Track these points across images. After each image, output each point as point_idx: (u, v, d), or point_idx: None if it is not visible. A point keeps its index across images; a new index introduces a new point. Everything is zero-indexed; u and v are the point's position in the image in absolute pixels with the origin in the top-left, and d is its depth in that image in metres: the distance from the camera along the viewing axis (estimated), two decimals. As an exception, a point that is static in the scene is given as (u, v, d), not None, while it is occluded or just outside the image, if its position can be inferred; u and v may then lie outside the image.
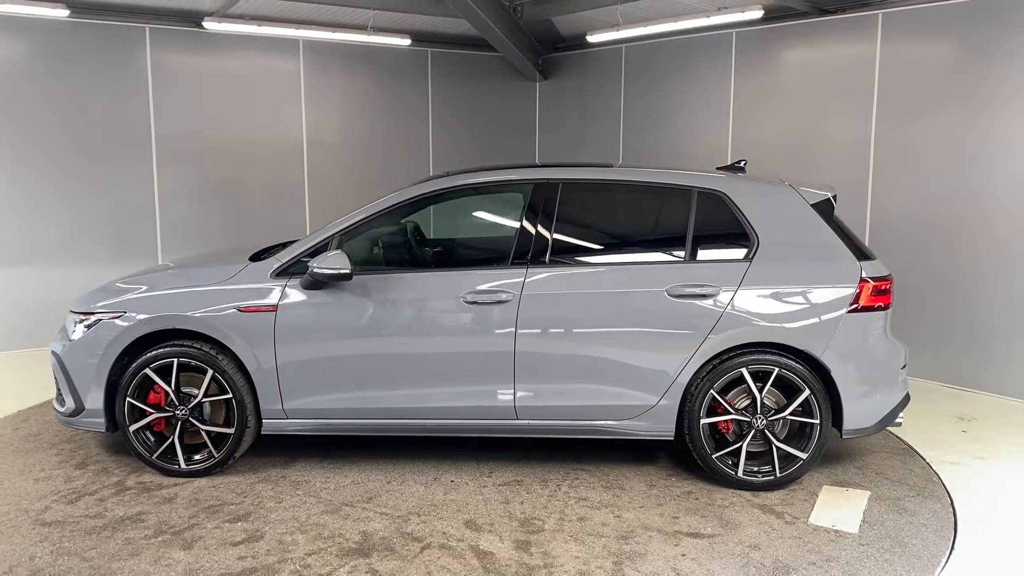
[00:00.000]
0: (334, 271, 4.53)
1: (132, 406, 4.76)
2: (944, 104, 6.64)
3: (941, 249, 6.70)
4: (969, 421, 5.88)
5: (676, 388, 4.60)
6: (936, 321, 6.72)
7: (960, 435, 5.60)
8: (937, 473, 4.93)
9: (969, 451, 5.30)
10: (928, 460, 5.13)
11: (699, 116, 8.56)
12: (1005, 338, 6.38)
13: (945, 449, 5.33)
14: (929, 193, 6.77)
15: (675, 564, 3.80)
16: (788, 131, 7.74)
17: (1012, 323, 6.34)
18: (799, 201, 4.75)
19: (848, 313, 4.54)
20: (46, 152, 7.83)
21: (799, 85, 7.66)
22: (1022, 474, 4.93)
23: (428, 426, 4.77)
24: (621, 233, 5.08)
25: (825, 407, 4.55)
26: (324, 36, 8.72)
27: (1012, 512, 4.41)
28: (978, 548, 4.01)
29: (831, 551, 3.94)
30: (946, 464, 5.08)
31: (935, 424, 5.80)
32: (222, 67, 8.62)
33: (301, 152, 9.09)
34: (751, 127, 8.06)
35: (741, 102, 8.13)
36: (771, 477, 4.61)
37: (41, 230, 7.87)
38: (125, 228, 8.26)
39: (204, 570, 3.74)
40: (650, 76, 9.06)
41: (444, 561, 3.82)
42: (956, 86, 6.56)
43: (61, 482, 4.75)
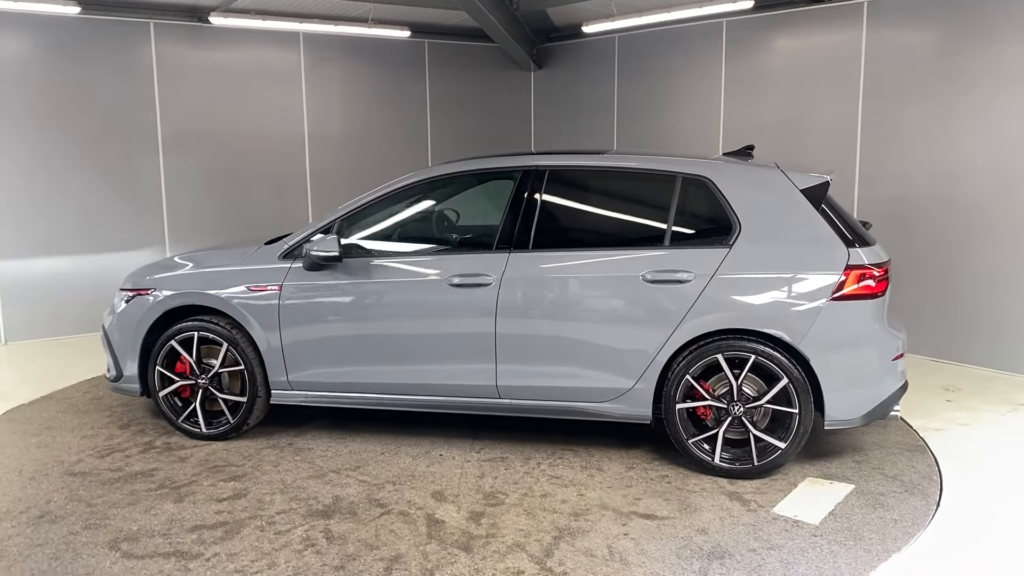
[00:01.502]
0: (326, 253, 4.86)
1: (161, 374, 5.27)
2: (927, 89, 6.91)
3: (925, 228, 7.02)
4: (953, 391, 6.20)
5: (652, 372, 4.63)
6: (922, 298, 7.01)
7: (945, 404, 5.91)
8: (937, 463, 4.72)
9: (953, 419, 5.60)
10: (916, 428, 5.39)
11: (691, 103, 8.81)
12: (986, 313, 6.73)
13: (931, 418, 5.60)
14: (913, 174, 7.06)
15: (612, 543, 3.88)
16: (778, 117, 7.99)
17: (993, 298, 6.68)
18: (787, 186, 4.65)
19: (830, 301, 4.42)
20: (55, 145, 8.07)
21: (788, 72, 7.92)
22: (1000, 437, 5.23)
23: (417, 402, 5.02)
24: (604, 218, 5.13)
25: (805, 397, 4.46)
26: (324, 29, 8.90)
27: (995, 481, 4.21)
28: (950, 535, 3.86)
29: (778, 540, 3.89)
30: (931, 431, 5.34)
31: (922, 395, 6.02)
32: (225, 60, 8.85)
33: (303, 142, 9.36)
34: (741, 113, 8.31)
35: (732, 89, 8.39)
36: (748, 465, 4.57)
37: (51, 222, 8.12)
38: (133, 218, 8.52)
39: (182, 520, 4.15)
40: (643, 65, 9.29)
41: (395, 526, 4.06)
42: (938, 72, 6.83)
43: (102, 439, 5.33)
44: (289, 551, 3.82)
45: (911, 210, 7.07)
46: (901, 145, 7.11)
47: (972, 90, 6.63)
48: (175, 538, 3.96)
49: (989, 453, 5.02)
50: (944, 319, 6.96)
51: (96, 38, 8.17)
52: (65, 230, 8.22)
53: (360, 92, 9.75)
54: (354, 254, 5.07)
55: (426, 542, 3.90)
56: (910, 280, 6.95)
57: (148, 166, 8.56)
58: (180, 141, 8.68)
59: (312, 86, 9.36)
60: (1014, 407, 5.88)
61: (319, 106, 9.44)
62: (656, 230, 4.76)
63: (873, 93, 7.24)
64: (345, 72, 9.60)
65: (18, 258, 8.08)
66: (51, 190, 8.12)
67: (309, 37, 9.25)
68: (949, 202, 6.85)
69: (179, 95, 8.62)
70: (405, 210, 5.22)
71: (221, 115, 8.88)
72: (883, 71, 7.16)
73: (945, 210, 6.88)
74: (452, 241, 5.35)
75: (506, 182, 5.04)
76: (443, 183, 5.21)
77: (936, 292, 6.99)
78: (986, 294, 6.70)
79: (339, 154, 9.60)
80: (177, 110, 8.63)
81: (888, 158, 7.20)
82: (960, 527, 4.05)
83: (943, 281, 6.95)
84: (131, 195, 8.50)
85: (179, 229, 8.74)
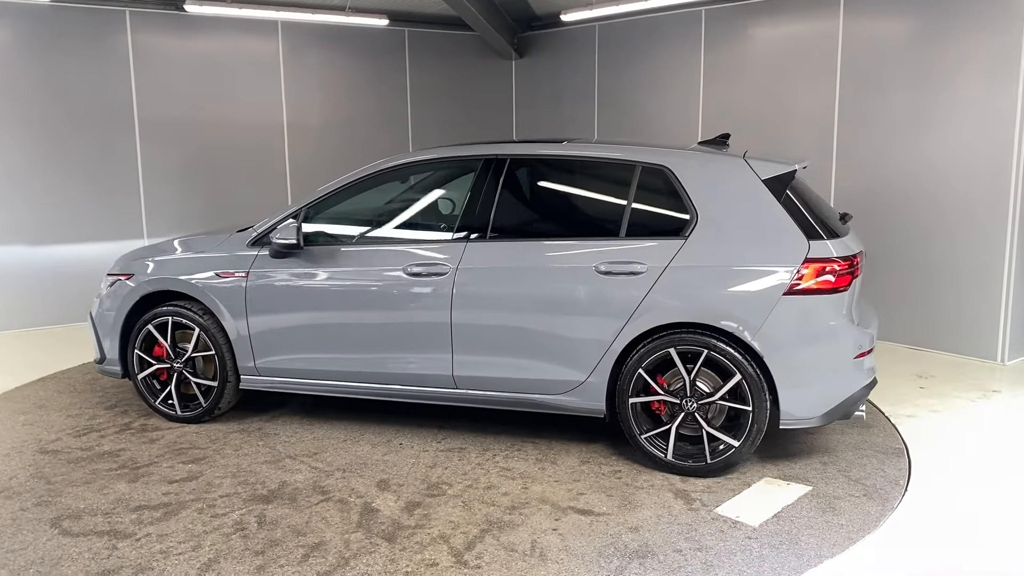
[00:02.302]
0: (284, 241, 4.91)
1: (140, 357, 5.41)
2: (902, 79, 6.94)
3: (900, 217, 7.04)
4: (927, 378, 6.26)
5: (605, 365, 4.54)
6: (896, 286, 7.02)
7: (918, 391, 5.96)
8: (910, 466, 4.51)
9: (925, 405, 5.66)
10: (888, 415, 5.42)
11: (671, 91, 8.83)
12: (958, 301, 6.79)
13: (904, 404, 5.63)
14: (889, 162, 7.08)
15: (538, 538, 3.82)
16: (756, 105, 8.01)
17: (965, 287, 6.73)
18: (749, 176, 4.48)
19: (786, 295, 4.25)
20: (31, 134, 7.95)
21: (766, 60, 7.94)
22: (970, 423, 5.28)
23: (377, 391, 5.03)
24: (562, 208, 5.04)
25: (759, 394, 4.30)
26: (302, 17, 8.85)
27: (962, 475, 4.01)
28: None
29: (709, 541, 3.78)
30: (903, 417, 5.37)
31: (895, 382, 6.08)
32: (202, 49, 8.74)
33: (282, 131, 9.27)
34: (721, 101, 8.34)
35: (711, 78, 8.42)
36: (702, 463, 4.44)
37: (26, 211, 7.99)
38: (110, 208, 8.40)
39: (129, 500, 4.26)
40: (623, 53, 9.26)
41: (329, 514, 4.09)
42: (913, 60, 6.85)
43: (84, 420, 5.51)
44: (218, 534, 3.88)
45: (886, 199, 7.09)
46: (877, 135, 7.13)
47: (945, 81, 6.67)
48: (115, 517, 4.06)
49: (958, 441, 5.02)
50: (918, 307, 7.00)
51: (71, 26, 8.04)
52: (40, 219, 8.09)
53: (340, 81, 9.65)
54: (320, 242, 5.11)
55: (353, 530, 3.91)
56: (885, 268, 6.93)
57: (125, 155, 8.45)
58: (157, 130, 8.58)
59: (291, 74, 9.29)
60: (985, 393, 5.91)
61: (298, 95, 9.35)
62: (613, 220, 4.65)
63: (850, 83, 7.27)
64: (324, 60, 9.50)
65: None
66: (27, 179, 8.00)
67: (287, 25, 9.15)
68: (923, 191, 6.89)
69: (156, 84, 8.52)
70: (368, 199, 5.22)
71: (199, 104, 8.79)
72: (860, 61, 7.18)
73: (919, 199, 6.92)
74: (413, 230, 5.32)
75: (469, 171, 4.99)
76: (407, 172, 5.20)
77: (911, 280, 7.01)
78: (959, 283, 6.76)
79: (319, 143, 9.51)
80: (154, 99, 8.52)
81: (864, 147, 7.23)
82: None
83: (918, 269, 6.98)
84: (108, 184, 8.39)
85: (157, 218, 8.68)
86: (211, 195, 8.95)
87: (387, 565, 3.59)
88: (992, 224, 6.51)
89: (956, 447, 4.92)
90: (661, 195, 4.61)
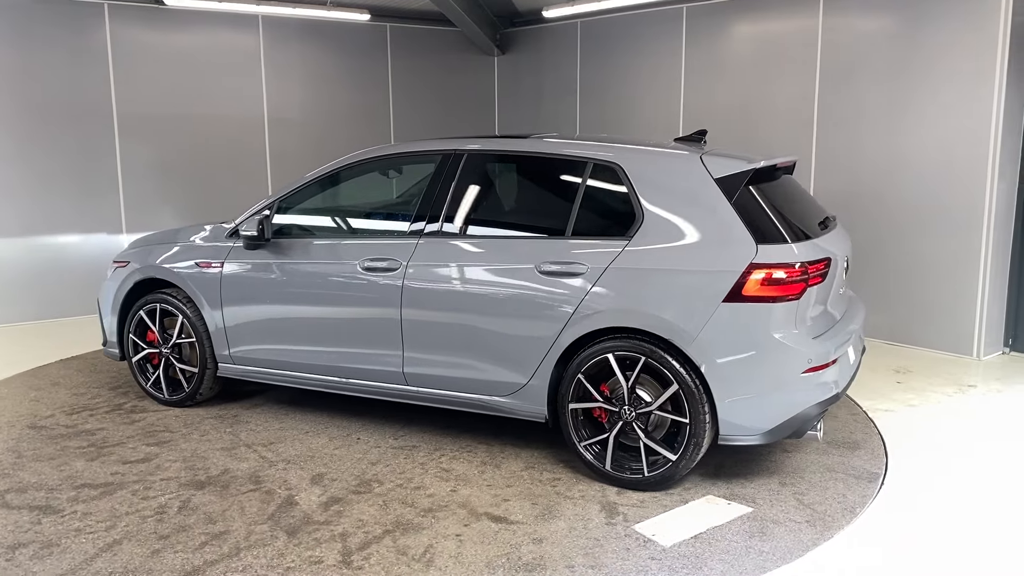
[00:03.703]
0: (247, 234, 5.01)
1: (134, 342, 5.65)
2: (880, 77, 6.94)
3: (878, 214, 7.04)
4: (904, 373, 6.30)
5: (545, 369, 4.39)
6: (875, 282, 6.97)
7: (895, 386, 6.00)
8: (881, 484, 4.14)
9: (903, 400, 5.71)
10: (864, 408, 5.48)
11: (652, 88, 8.81)
12: (935, 297, 6.81)
13: (881, 399, 5.68)
14: (867, 158, 7.09)
15: (437, 543, 3.73)
16: (737, 102, 8.02)
17: (942, 283, 6.75)
18: (700, 174, 4.22)
19: (725, 302, 3.98)
20: (8, 128, 7.86)
21: (746, 57, 7.95)
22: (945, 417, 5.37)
23: (335, 384, 5.05)
24: (513, 205, 4.90)
25: (697, 406, 4.04)
26: (283, 11, 8.79)
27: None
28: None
29: (608, 559, 3.58)
30: (880, 411, 5.43)
31: (873, 377, 6.12)
32: (182, 43, 8.65)
33: (263, 126, 9.19)
34: (701, 98, 8.35)
35: (692, 74, 8.42)
36: (639, 476, 4.23)
37: (6, 205, 7.91)
38: (89, 203, 8.31)
39: (77, 478, 4.45)
40: (605, 50, 9.22)
41: (249, 504, 4.14)
42: (892, 57, 6.86)
43: (86, 399, 5.81)
44: (136, 516, 4.00)
45: (865, 192, 7.10)
46: (856, 132, 7.14)
47: (923, 77, 6.69)
48: (57, 493, 4.26)
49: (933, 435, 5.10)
50: (895, 303, 7.02)
51: (49, 20, 7.92)
52: (18, 215, 8.01)
53: (321, 76, 9.57)
54: (291, 234, 5.18)
55: (262, 522, 3.94)
56: (863, 264, 6.64)
57: (104, 150, 8.34)
58: (137, 125, 8.48)
59: (271, 69, 9.19)
60: (961, 388, 5.96)
61: (279, 90, 9.26)
62: (560, 219, 4.47)
63: (829, 80, 7.29)
64: (305, 56, 9.42)
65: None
66: (4, 173, 7.90)
67: (268, 20, 9.06)
68: (901, 188, 6.91)
69: (135, 78, 8.42)
70: (335, 193, 5.25)
71: (179, 99, 8.69)
72: (839, 57, 7.20)
73: (897, 195, 6.94)
74: (372, 225, 5.31)
75: (430, 166, 4.94)
76: (372, 167, 5.18)
77: (888, 276, 7.03)
78: (936, 279, 6.79)
79: (300, 138, 9.43)
80: (133, 93, 8.43)
81: (843, 144, 7.24)
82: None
83: (895, 265, 7.00)
84: (87, 179, 8.29)
85: (136, 213, 8.58)
86: (191, 190, 8.86)
87: (274, 559, 3.60)
88: (968, 221, 6.52)
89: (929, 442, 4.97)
90: (610, 193, 4.41)
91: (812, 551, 3.66)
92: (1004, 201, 6.51)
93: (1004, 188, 6.47)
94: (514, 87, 10.43)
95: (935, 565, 3.56)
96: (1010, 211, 6.61)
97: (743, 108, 7.95)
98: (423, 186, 4.90)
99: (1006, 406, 5.57)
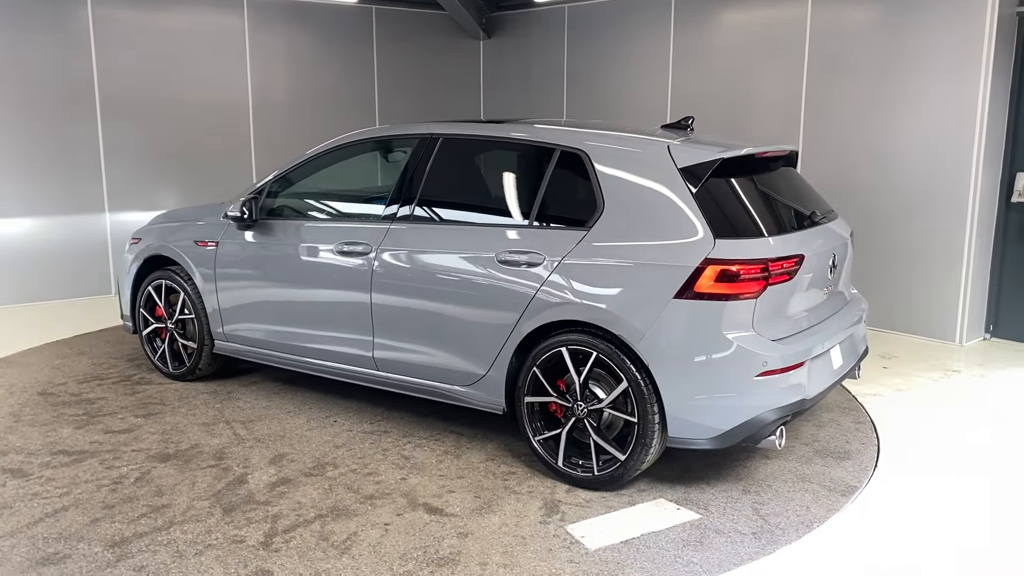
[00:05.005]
0: (232, 214, 5.10)
1: (144, 316, 5.87)
2: (868, 66, 6.97)
3: (865, 202, 7.06)
4: (890, 359, 6.40)
5: (503, 360, 4.29)
6: (860, 268, 6.71)
7: (882, 371, 6.09)
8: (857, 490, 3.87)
9: (889, 384, 5.83)
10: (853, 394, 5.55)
11: (640, 74, 8.76)
12: (920, 284, 6.94)
13: (869, 384, 5.76)
14: (854, 147, 7.14)
15: (362, 531, 3.69)
16: (725, 89, 8.01)
17: (926, 270, 6.87)
18: (665, 164, 4.01)
19: (677, 299, 3.78)
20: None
21: (735, 44, 7.93)
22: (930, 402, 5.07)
23: (312, 365, 5.09)
24: (482, 192, 4.78)
25: (645, 406, 3.86)
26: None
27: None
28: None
29: (525, 558, 3.46)
30: (868, 396, 5.53)
31: None
32: (166, 25, 8.51)
33: (247, 109, 9.06)
34: (689, 85, 8.33)
35: (680, 60, 8.38)
36: (590, 474, 4.08)
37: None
38: (72, 187, 8.20)
39: (58, 444, 4.65)
40: (593, 35, 9.14)
41: (204, 479, 4.22)
42: (880, 47, 6.90)
43: (102, 368, 6.08)
44: (93, 485, 4.14)
45: (850, 184, 7.13)
46: (843, 120, 7.18)
47: (910, 67, 6.73)
48: (33, 458, 4.46)
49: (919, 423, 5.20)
50: (881, 290, 7.00)
51: (31, 1, 7.80)
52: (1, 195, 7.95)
53: (306, 59, 9.44)
54: (284, 215, 5.25)
55: (206, 498, 4.01)
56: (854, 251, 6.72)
57: (86, 133, 8.23)
58: (120, 107, 8.35)
59: (256, 52, 9.06)
60: (946, 373, 6.09)
61: (264, 72, 9.14)
62: (526, 207, 4.35)
63: (817, 68, 7.31)
64: (290, 38, 9.29)
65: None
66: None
67: (253, 2, 8.94)
68: (886, 176, 6.97)
69: (118, 60, 8.28)
70: (322, 177, 5.27)
71: (162, 81, 8.56)
72: (827, 46, 7.22)
73: (883, 185, 7.00)
74: (350, 209, 5.30)
75: (407, 150, 4.89)
76: (355, 151, 5.17)
77: (873, 264, 7.03)
78: (921, 267, 6.90)
79: (285, 121, 9.29)
80: (116, 76, 8.29)
81: (830, 132, 7.28)
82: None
83: (881, 253, 7.04)
84: (69, 162, 8.18)
85: (119, 197, 8.48)
86: (175, 173, 8.78)
87: (200, 535, 3.65)
88: (953, 210, 6.62)
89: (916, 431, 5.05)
90: (575, 181, 4.25)
91: (744, 565, 3.44)
92: (988, 190, 6.63)
93: (988, 177, 6.58)
94: (500, 72, 10.36)
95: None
96: (993, 200, 6.75)
97: (731, 96, 7.94)
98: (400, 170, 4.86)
99: (989, 390, 5.74)
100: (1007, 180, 6.75)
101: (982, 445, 4.75)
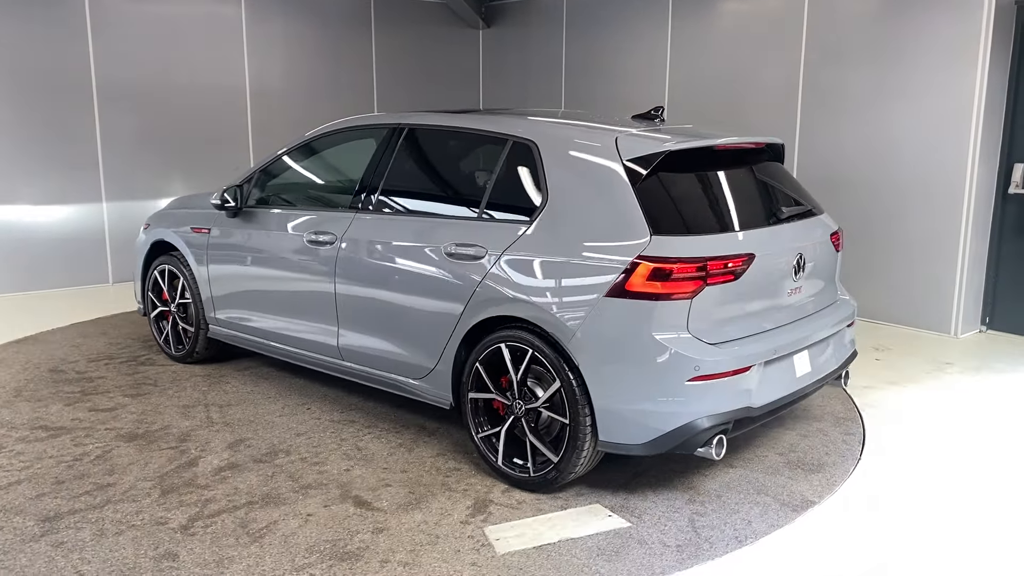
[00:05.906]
0: (215, 202, 5.21)
1: (152, 300, 6.08)
2: (865, 55, 6.94)
3: (859, 193, 7.03)
4: (883, 351, 6.39)
5: (449, 354, 4.22)
6: (854, 259, 6.69)
7: (874, 363, 6.06)
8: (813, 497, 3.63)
9: (882, 377, 5.78)
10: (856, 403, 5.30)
11: (638, 63, 8.74)
12: (915, 275, 6.89)
13: (860, 376, 5.60)
14: (850, 137, 7.11)
15: (283, 521, 3.69)
16: (722, 78, 7.99)
17: (921, 262, 6.84)
18: (610, 155, 3.83)
19: (607, 297, 3.62)
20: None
21: (733, 33, 7.91)
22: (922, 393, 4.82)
23: (288, 352, 5.15)
24: (439, 182, 4.69)
25: (577, 407, 3.72)
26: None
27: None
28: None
29: (428, 559, 3.38)
30: (860, 388, 5.47)
31: None
32: (163, 12, 8.44)
33: (244, 98, 8.99)
34: (687, 73, 8.30)
35: (678, 49, 8.36)
36: (526, 475, 3.97)
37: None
38: (68, 174, 8.16)
39: (41, 419, 4.87)
40: (591, 25, 9.11)
41: (158, 461, 4.32)
42: (878, 38, 6.85)
43: (116, 348, 6.33)
44: (54, 461, 4.31)
45: (848, 171, 7.08)
46: (840, 110, 7.14)
47: (908, 59, 6.68)
48: (12, 432, 4.68)
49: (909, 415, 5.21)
50: (876, 281, 7.00)
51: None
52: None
53: (304, 47, 9.37)
54: (271, 203, 5.32)
55: (150, 479, 4.11)
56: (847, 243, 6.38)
57: (83, 121, 8.18)
58: (117, 95, 8.29)
59: (254, 40, 8.98)
60: (939, 366, 6.07)
61: (261, 61, 9.07)
62: (475, 199, 4.26)
63: (814, 57, 7.27)
64: (288, 26, 9.21)
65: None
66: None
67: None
68: (883, 168, 6.92)
69: (115, 48, 8.22)
70: (305, 166, 5.30)
71: (160, 69, 8.49)
72: (825, 35, 7.18)
73: (879, 175, 6.95)
74: (324, 199, 5.31)
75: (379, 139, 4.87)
76: (328, 142, 5.18)
77: (868, 255, 6.99)
78: (916, 258, 6.86)
79: (282, 110, 9.19)
80: (113, 63, 8.22)
81: (827, 122, 7.24)
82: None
83: (876, 244, 7.00)
84: (65, 150, 8.12)
85: (116, 185, 8.45)
86: (172, 161, 8.74)
87: (128, 515, 3.74)
88: (950, 200, 6.58)
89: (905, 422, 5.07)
90: (524, 173, 4.12)
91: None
92: (985, 181, 6.58)
93: (985, 168, 6.53)
94: (499, 61, 10.24)
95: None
96: (990, 191, 6.68)
97: (729, 83, 7.91)
98: (370, 159, 4.85)
99: (983, 385, 5.66)
100: (1004, 171, 6.65)
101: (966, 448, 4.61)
